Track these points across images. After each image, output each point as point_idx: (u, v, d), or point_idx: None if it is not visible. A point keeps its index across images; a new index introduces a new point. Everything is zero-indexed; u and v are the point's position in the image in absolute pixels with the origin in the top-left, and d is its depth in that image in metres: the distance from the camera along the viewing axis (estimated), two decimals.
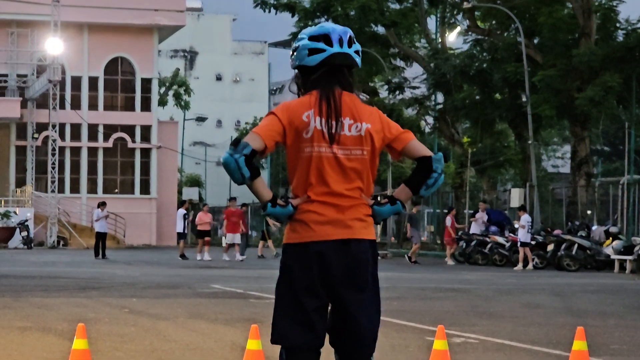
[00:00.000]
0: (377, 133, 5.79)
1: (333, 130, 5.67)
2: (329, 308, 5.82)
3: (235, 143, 5.64)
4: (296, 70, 5.91)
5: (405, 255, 44.14)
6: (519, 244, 38.14)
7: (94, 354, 10.57)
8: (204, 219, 42.82)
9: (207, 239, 42.45)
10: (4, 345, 11.72)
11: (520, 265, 37.61)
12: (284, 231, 5.89)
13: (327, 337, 5.87)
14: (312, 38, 5.76)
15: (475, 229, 42.99)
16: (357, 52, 5.81)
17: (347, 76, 5.80)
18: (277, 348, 6.08)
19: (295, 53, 5.84)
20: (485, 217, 43.19)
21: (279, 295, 5.80)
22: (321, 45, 5.72)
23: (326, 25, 5.85)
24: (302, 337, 5.69)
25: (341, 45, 5.73)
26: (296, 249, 5.69)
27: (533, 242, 38.31)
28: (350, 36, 5.79)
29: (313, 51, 5.73)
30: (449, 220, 43.03)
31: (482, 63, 52.47)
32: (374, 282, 5.79)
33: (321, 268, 5.65)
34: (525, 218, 38.00)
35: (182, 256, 41.98)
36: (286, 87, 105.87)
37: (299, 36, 5.89)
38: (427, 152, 5.93)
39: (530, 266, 37.47)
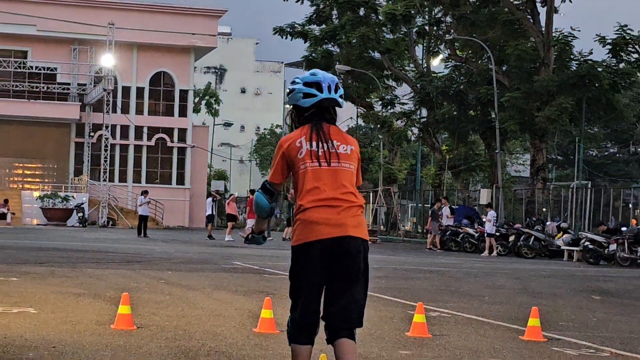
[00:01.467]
0: (357, 154, 6.03)
1: (324, 149, 5.86)
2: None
3: (265, 189, 6.11)
4: (291, 107, 6.14)
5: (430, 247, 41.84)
6: (485, 234, 38.13)
7: (135, 317, 10.58)
8: (232, 206, 42.96)
9: (232, 223, 42.31)
10: (62, 308, 11.73)
11: (486, 253, 37.61)
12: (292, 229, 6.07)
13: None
14: (306, 84, 5.99)
15: (443, 221, 42.70)
16: (341, 96, 6.03)
17: (332, 114, 6.03)
18: (285, 316, 6.10)
19: (291, 94, 6.06)
20: (447, 211, 42.80)
21: (290, 281, 5.94)
22: (313, 91, 5.94)
23: (318, 74, 6.06)
24: (307, 314, 5.82)
25: (329, 91, 5.95)
26: (301, 246, 5.80)
27: (497, 234, 38.29)
28: (337, 84, 6.02)
29: (307, 95, 5.96)
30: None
31: (460, 85, 52.50)
32: (365, 273, 5.89)
33: (321, 260, 5.74)
34: (491, 213, 37.99)
35: (210, 237, 41.93)
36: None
37: (295, 80, 6.11)
38: None
39: (494, 253, 37.46)
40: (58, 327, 10.01)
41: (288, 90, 6.13)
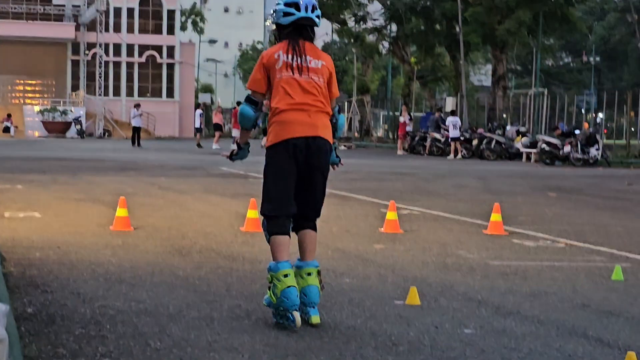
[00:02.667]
0: (328, 69, 6.14)
1: (298, 62, 6.00)
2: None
3: (250, 100, 6.17)
4: (274, 26, 6.22)
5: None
6: (450, 139, 38.18)
7: (132, 219, 10.61)
8: (219, 116, 42.66)
9: (219, 132, 42.03)
10: (64, 213, 11.74)
11: (452, 156, 37.71)
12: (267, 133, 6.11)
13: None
14: (286, 4, 6.08)
15: (408, 127, 42.81)
16: (317, 16, 6.13)
17: (309, 32, 6.15)
18: None
19: (274, 13, 6.17)
20: (408, 119, 42.77)
21: (266, 178, 6.02)
22: (292, 10, 6.06)
23: None
24: (283, 207, 5.93)
25: (306, 11, 6.06)
26: (278, 144, 5.94)
27: (462, 138, 38.33)
28: (313, 5, 6.12)
29: (286, 14, 6.08)
30: (401, 119, 42.90)
31: (427, 1, 52.02)
32: (328, 169, 6.12)
33: (295, 155, 5.91)
34: (449, 119, 38.03)
35: (198, 145, 41.86)
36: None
37: (278, 2, 6.18)
38: (332, 108, 6.19)
39: (459, 156, 37.57)
40: (61, 229, 10.04)
41: (273, 10, 6.23)
